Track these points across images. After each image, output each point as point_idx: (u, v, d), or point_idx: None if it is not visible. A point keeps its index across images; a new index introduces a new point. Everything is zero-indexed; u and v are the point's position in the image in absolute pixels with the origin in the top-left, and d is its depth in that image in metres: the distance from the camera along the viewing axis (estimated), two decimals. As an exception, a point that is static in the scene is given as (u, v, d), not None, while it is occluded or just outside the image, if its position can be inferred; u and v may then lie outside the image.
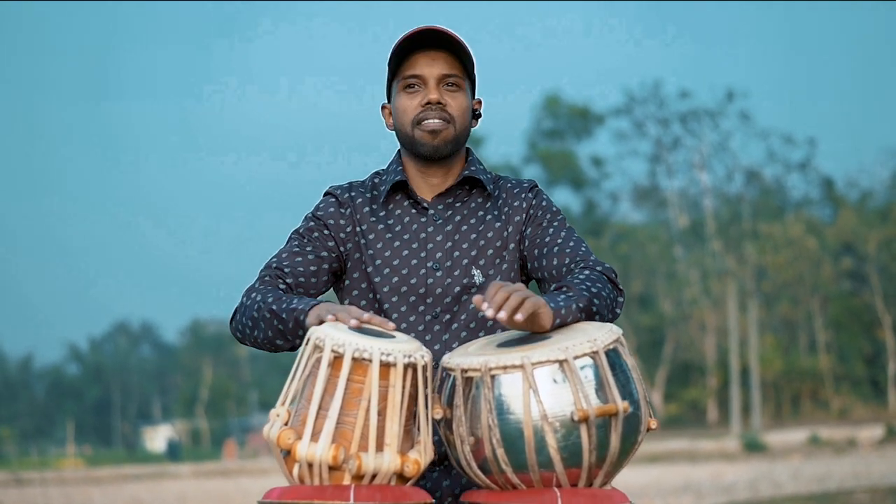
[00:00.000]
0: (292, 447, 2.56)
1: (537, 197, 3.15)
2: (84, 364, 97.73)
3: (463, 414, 2.63)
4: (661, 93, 59.40)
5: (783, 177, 59.06)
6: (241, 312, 2.98)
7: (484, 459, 2.61)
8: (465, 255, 3.08)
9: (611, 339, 2.66)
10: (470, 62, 3.11)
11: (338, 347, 2.58)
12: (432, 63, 3.06)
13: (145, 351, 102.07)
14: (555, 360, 2.57)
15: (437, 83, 3.06)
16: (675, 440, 43.94)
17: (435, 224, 3.10)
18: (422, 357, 2.62)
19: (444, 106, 3.05)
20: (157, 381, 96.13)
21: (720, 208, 58.61)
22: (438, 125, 3.05)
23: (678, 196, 60.80)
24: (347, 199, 3.14)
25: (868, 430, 42.03)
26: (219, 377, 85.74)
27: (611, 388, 2.59)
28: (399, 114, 3.09)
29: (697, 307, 57.18)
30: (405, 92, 3.07)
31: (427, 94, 3.05)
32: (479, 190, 3.16)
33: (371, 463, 2.55)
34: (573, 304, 2.74)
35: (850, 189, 60.21)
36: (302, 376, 2.63)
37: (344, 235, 3.10)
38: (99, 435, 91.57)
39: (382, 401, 2.57)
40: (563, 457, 2.56)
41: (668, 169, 60.46)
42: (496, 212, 3.13)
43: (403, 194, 3.14)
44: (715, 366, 56.86)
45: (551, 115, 62.06)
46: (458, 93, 3.08)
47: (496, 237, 3.10)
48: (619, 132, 60.45)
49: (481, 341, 2.82)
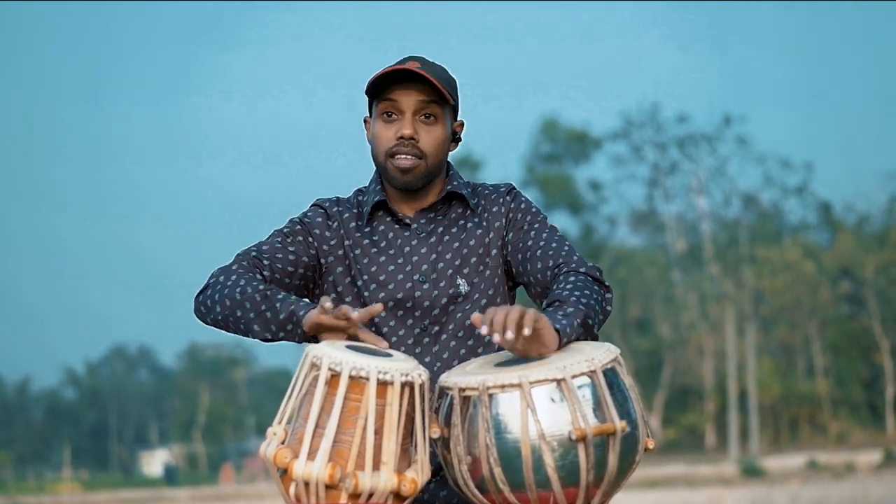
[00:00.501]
0: (289, 466, 2.56)
1: (515, 200, 3.15)
2: (81, 388, 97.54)
3: (461, 433, 2.62)
4: (658, 117, 59.55)
5: (780, 201, 59.16)
6: (215, 289, 2.96)
7: (481, 479, 2.60)
8: (449, 265, 3.08)
9: (608, 358, 2.65)
10: (451, 88, 3.11)
11: (335, 366, 2.57)
12: (409, 93, 3.05)
13: (142, 375, 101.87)
14: (553, 380, 2.57)
15: (414, 114, 3.05)
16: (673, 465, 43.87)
17: (419, 237, 3.11)
18: (419, 376, 2.62)
19: (416, 142, 3.04)
20: (154, 406, 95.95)
21: (718, 232, 58.64)
22: (410, 163, 3.05)
23: (676, 220, 60.86)
24: (335, 213, 3.15)
25: (866, 454, 41.96)
26: (216, 401, 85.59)
27: (608, 408, 2.59)
28: (374, 141, 3.10)
29: (695, 331, 57.18)
30: (382, 119, 3.08)
31: (402, 127, 3.05)
32: (460, 202, 3.17)
33: (368, 482, 2.55)
34: (574, 321, 2.74)
35: (848, 213, 60.30)
36: (299, 395, 2.62)
37: (327, 248, 3.11)
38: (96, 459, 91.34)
39: (379, 419, 2.57)
40: (560, 476, 2.55)
41: (665, 193, 60.54)
42: (476, 219, 3.13)
43: (385, 211, 3.15)
44: (713, 390, 56.82)
45: (549, 139, 62.15)
46: (434, 125, 3.07)
47: (478, 245, 3.10)
48: (616, 156, 60.55)
49: (479, 360, 2.81)
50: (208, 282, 2.99)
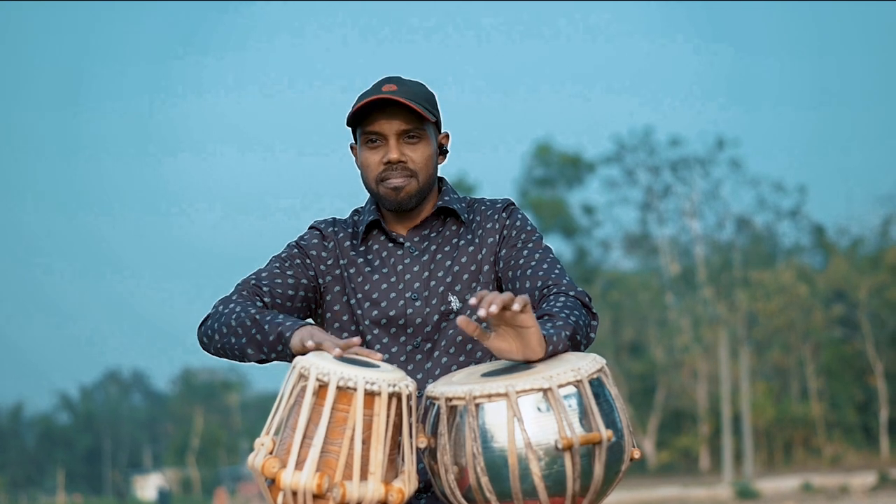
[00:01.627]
0: (277, 476, 2.57)
1: (511, 216, 3.17)
2: (75, 413, 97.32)
3: (447, 442, 2.63)
4: (651, 140, 59.61)
5: (774, 224, 59.19)
6: (215, 319, 3.01)
7: (468, 488, 2.61)
8: (441, 282, 3.11)
9: (594, 368, 2.67)
10: (431, 105, 3.13)
11: (322, 376, 2.59)
12: (391, 119, 3.08)
13: (136, 399, 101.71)
14: (539, 389, 2.58)
15: (398, 138, 3.08)
16: (668, 487, 43.77)
17: (411, 256, 3.14)
18: (406, 386, 2.63)
19: (405, 164, 3.08)
20: (148, 430, 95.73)
21: (711, 256, 58.64)
22: (401, 182, 3.09)
23: (669, 244, 60.84)
24: (331, 234, 3.19)
25: (860, 477, 41.86)
26: (210, 426, 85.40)
27: (594, 417, 2.60)
28: (363, 169, 3.14)
29: (689, 354, 57.09)
30: (367, 147, 3.11)
31: (388, 152, 3.08)
32: (454, 218, 3.19)
33: (355, 491, 2.56)
34: (562, 333, 2.76)
35: (841, 236, 60.27)
36: (287, 405, 2.63)
37: (324, 268, 3.16)
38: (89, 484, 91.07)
39: (367, 429, 2.58)
40: (546, 485, 2.56)
41: (658, 217, 60.54)
42: (469, 236, 3.16)
43: (380, 231, 3.19)
44: (707, 413, 56.74)
45: (542, 163, 62.18)
46: (419, 144, 3.10)
47: (470, 261, 3.13)
48: (609, 180, 60.57)
49: (465, 371, 2.83)
50: (209, 313, 3.04)
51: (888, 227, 58.38)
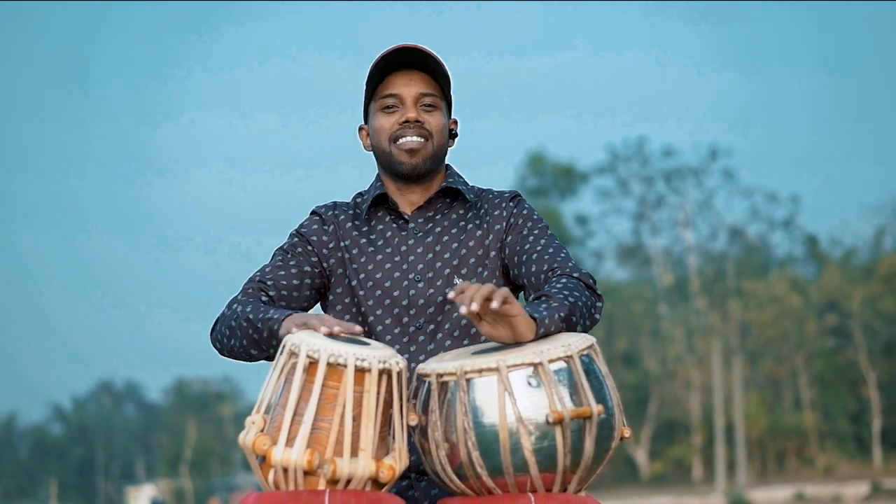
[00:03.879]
0: (267, 453, 2.56)
1: (518, 206, 3.18)
2: (68, 423, 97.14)
3: (438, 418, 2.64)
4: (644, 151, 59.67)
5: (767, 235, 59.23)
6: (222, 322, 3.01)
7: (459, 464, 2.62)
8: (447, 265, 3.11)
9: (585, 344, 2.68)
10: (447, 83, 3.16)
11: (313, 353, 2.58)
12: (409, 83, 3.11)
13: (129, 410, 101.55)
14: (529, 364, 2.59)
15: (415, 102, 3.11)
16: (661, 497, 43.81)
17: (416, 237, 3.13)
18: (396, 363, 2.63)
19: (422, 123, 3.10)
20: (141, 441, 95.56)
21: (704, 266, 58.65)
22: (416, 143, 3.09)
23: (662, 254, 60.88)
24: (331, 217, 3.18)
25: (853, 486, 41.92)
26: (203, 436, 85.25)
27: (585, 392, 2.61)
28: (376, 133, 3.13)
29: (682, 364, 57.10)
30: (383, 112, 3.12)
31: (405, 112, 3.10)
32: (461, 202, 3.20)
33: (346, 468, 2.55)
34: (555, 314, 2.75)
35: (834, 247, 60.34)
36: (277, 383, 2.63)
37: (327, 252, 3.14)
38: (82, 495, 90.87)
39: (357, 406, 2.58)
40: (537, 459, 2.57)
41: (652, 227, 60.56)
42: (477, 221, 3.16)
43: (385, 210, 3.18)
44: (700, 423, 56.71)
45: (536, 173, 62.22)
46: (435, 112, 3.12)
47: (477, 246, 3.13)
48: (603, 190, 60.61)
49: (456, 351, 2.84)
50: (218, 316, 3.04)
51: (881, 238, 58.50)
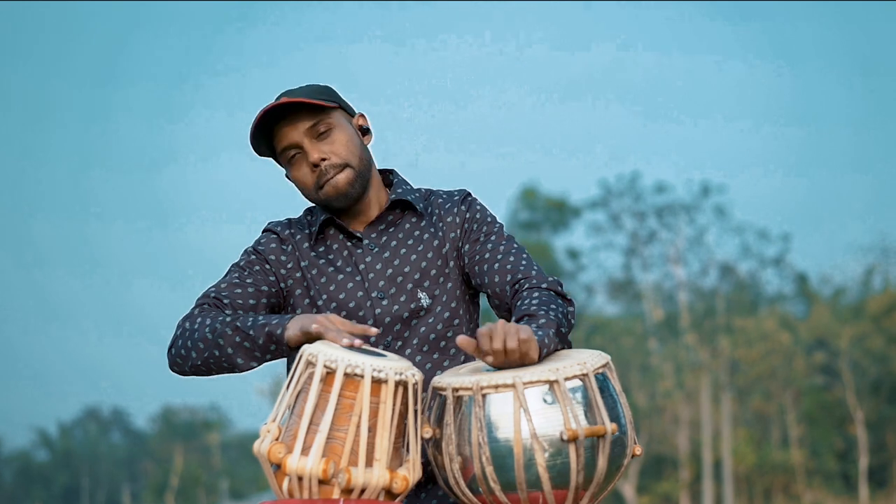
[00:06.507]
0: (283, 461, 2.58)
1: (470, 209, 3.12)
2: (53, 450, 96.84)
3: (453, 432, 2.65)
4: (637, 186, 59.79)
5: (757, 272, 59.31)
6: (184, 338, 2.91)
7: (472, 478, 2.64)
8: (409, 279, 3.05)
9: (600, 363, 2.70)
10: (325, 96, 3.05)
11: (330, 363, 2.60)
12: (294, 126, 3.01)
13: (115, 437, 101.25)
14: (545, 381, 2.61)
15: (310, 139, 3.02)
16: (648, 533, 43.70)
17: (372, 253, 3.07)
18: (412, 375, 2.65)
19: (328, 160, 3.01)
20: (127, 468, 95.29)
21: (695, 302, 58.72)
22: (339, 177, 3.02)
23: (653, 289, 60.92)
24: (288, 236, 3.11)
25: (840, 525, 41.88)
26: (189, 464, 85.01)
27: (599, 410, 2.63)
28: (299, 187, 3.06)
29: (671, 400, 57.09)
30: (290, 165, 3.05)
31: (308, 157, 3.01)
32: (412, 211, 3.13)
33: (360, 477, 2.57)
34: (549, 332, 2.76)
35: (824, 285, 60.45)
36: (293, 392, 2.65)
37: (285, 272, 3.08)
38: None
39: (373, 417, 2.60)
40: (551, 476, 2.58)
41: (643, 262, 60.60)
42: (432, 229, 3.10)
43: (336, 229, 3.11)
44: (688, 459, 56.66)
45: (528, 206, 62.31)
46: (331, 134, 3.02)
47: (436, 256, 3.07)
48: (594, 225, 60.69)
49: (471, 365, 2.85)
50: (176, 333, 2.94)
51: (870, 277, 58.63)
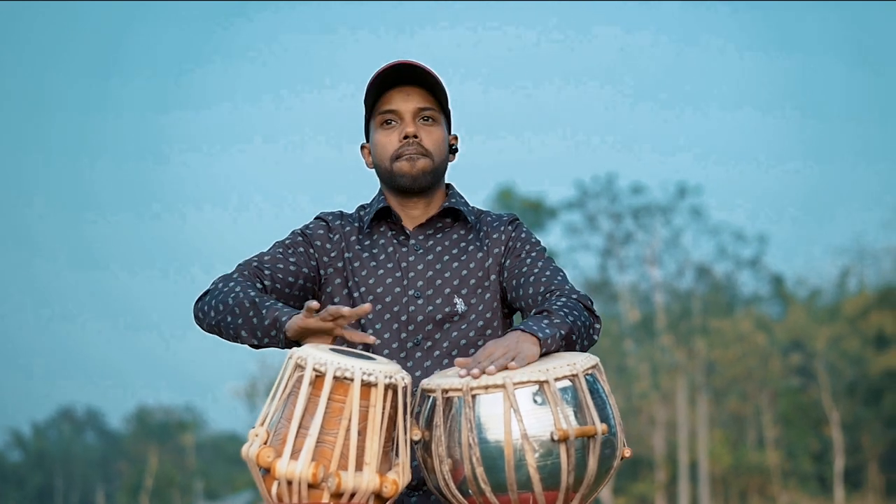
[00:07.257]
0: (272, 465, 2.56)
1: (517, 230, 3.20)
2: (26, 450, 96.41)
3: (443, 434, 2.64)
4: (613, 187, 59.86)
5: (734, 273, 59.43)
6: (213, 295, 3.00)
7: (463, 480, 2.62)
8: (448, 284, 3.11)
9: (590, 364, 2.70)
10: (444, 97, 3.17)
11: (319, 366, 2.59)
12: (407, 98, 3.12)
13: (90, 437, 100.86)
14: (535, 382, 2.60)
15: (413, 117, 3.12)
16: (624, 534, 43.75)
17: (416, 253, 3.14)
18: (402, 379, 2.64)
19: (419, 140, 3.11)
20: (101, 469, 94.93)
21: (671, 303, 58.81)
22: (416, 157, 3.11)
23: (629, 290, 61.00)
24: (338, 227, 3.18)
25: (816, 526, 42.01)
26: (164, 465, 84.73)
27: (589, 411, 2.63)
28: (377, 150, 3.14)
29: (647, 401, 57.17)
30: (382, 128, 3.14)
31: (404, 128, 3.11)
32: (461, 223, 3.21)
33: (350, 481, 2.56)
34: (556, 333, 2.78)
35: (800, 287, 60.63)
36: (282, 395, 2.63)
37: (327, 259, 3.14)
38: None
39: (363, 420, 2.58)
40: (541, 476, 2.58)
41: (619, 263, 60.68)
42: (478, 242, 3.17)
43: (387, 225, 3.18)
44: (664, 460, 56.74)
45: (504, 207, 62.36)
46: (433, 126, 3.14)
47: (478, 268, 3.14)
48: (571, 226, 60.75)
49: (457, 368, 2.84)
50: (209, 288, 3.02)
51: (846, 279, 58.84)
